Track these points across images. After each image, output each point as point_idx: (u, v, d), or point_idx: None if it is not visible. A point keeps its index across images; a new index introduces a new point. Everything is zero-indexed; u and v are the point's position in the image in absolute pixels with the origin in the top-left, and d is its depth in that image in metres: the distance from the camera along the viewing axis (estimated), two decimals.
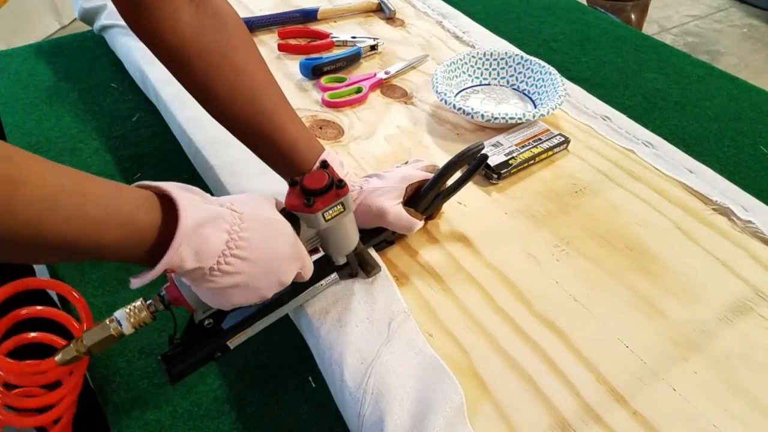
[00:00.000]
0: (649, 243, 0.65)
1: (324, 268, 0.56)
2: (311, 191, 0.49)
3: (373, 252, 0.62)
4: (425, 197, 0.61)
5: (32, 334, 0.56)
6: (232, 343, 0.51)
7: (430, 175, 0.62)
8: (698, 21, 2.73)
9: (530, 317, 0.57)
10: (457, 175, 0.62)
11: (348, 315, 0.56)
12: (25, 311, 0.54)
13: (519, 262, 0.63)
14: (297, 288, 0.54)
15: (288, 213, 0.49)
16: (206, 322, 0.50)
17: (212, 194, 0.74)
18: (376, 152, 0.77)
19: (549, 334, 0.56)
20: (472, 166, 0.60)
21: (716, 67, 0.98)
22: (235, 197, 0.47)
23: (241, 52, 0.55)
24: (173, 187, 0.41)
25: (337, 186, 0.49)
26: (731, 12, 2.80)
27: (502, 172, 0.72)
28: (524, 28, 1.09)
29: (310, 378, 0.57)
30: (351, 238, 0.55)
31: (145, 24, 0.53)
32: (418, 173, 0.62)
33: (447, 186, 0.62)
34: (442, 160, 0.76)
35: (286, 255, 0.47)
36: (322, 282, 0.56)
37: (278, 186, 0.70)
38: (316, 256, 0.55)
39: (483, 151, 0.59)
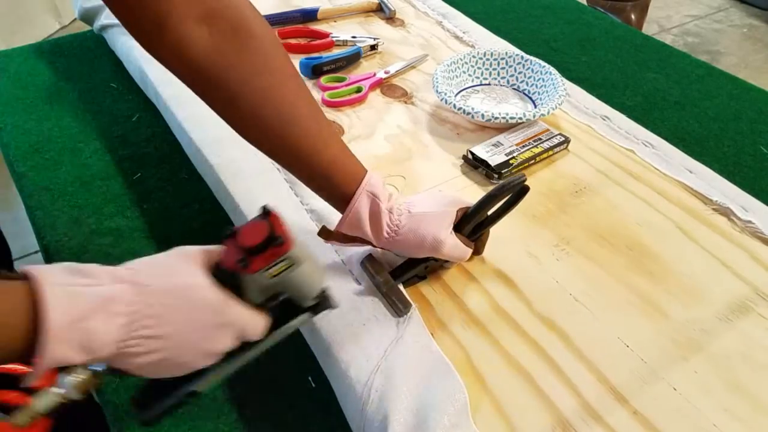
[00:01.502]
0: (649, 243, 0.65)
1: (293, 307, 0.48)
2: (247, 249, 0.42)
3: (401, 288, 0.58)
4: (467, 224, 0.57)
5: None
6: (201, 387, 0.46)
7: (472, 203, 0.58)
8: (698, 21, 2.73)
9: (530, 316, 0.57)
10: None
11: (353, 313, 0.56)
12: None
13: (519, 262, 0.63)
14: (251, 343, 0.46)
15: (228, 271, 0.43)
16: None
17: (213, 193, 0.75)
18: (377, 152, 0.77)
19: (549, 334, 0.56)
20: (513, 197, 0.58)
21: (716, 67, 0.98)
22: (143, 261, 0.41)
23: (265, 74, 0.50)
24: (47, 279, 0.35)
25: (276, 243, 0.42)
26: (731, 12, 2.80)
27: (503, 171, 0.72)
28: (524, 28, 1.09)
29: (310, 378, 0.57)
30: (313, 283, 0.47)
31: (156, 51, 0.49)
32: (466, 199, 0.58)
33: (487, 216, 0.59)
34: (442, 159, 0.76)
35: (206, 325, 0.41)
36: (293, 322, 0.48)
37: (278, 185, 0.71)
38: (283, 296, 0.47)
39: (519, 178, 0.55)
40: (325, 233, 0.57)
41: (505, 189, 0.55)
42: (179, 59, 0.49)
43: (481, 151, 0.74)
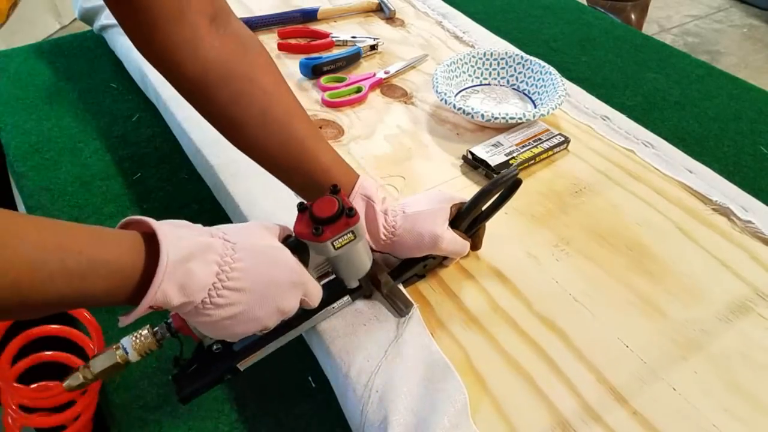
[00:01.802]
0: (649, 243, 0.65)
1: (336, 290, 0.55)
2: (321, 219, 0.47)
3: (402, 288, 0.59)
4: (464, 220, 0.58)
5: (48, 353, 0.55)
6: (243, 365, 0.50)
7: (467, 198, 0.58)
8: (698, 21, 2.73)
9: (530, 316, 0.57)
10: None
11: (354, 314, 0.56)
12: (38, 329, 0.53)
13: (519, 262, 0.63)
14: (307, 312, 0.52)
15: (297, 239, 0.48)
16: (215, 347, 0.49)
17: (212, 194, 0.75)
18: (376, 152, 0.77)
19: (549, 334, 0.56)
20: (506, 191, 0.58)
21: (716, 67, 0.98)
22: (230, 226, 0.45)
23: (268, 75, 0.52)
24: (159, 224, 0.40)
25: (348, 214, 0.47)
26: (731, 12, 2.80)
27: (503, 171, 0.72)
28: (524, 28, 1.09)
29: (309, 378, 0.57)
30: (363, 263, 0.52)
31: (161, 50, 0.48)
32: (459, 195, 0.59)
33: (482, 211, 0.59)
34: (442, 159, 0.76)
35: (284, 282, 0.45)
36: (335, 305, 0.55)
37: (277, 186, 0.70)
38: (328, 279, 0.54)
39: (511, 173, 0.56)
40: None
41: (498, 183, 0.55)
42: (190, 58, 0.49)
43: (481, 151, 0.74)
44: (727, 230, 0.66)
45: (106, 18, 1.01)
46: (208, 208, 0.74)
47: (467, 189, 0.72)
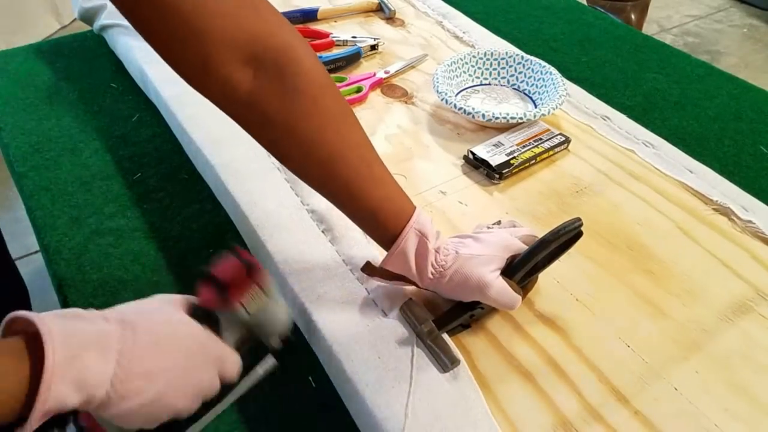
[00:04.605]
0: (650, 243, 0.65)
1: (255, 353, 0.49)
2: (224, 283, 0.44)
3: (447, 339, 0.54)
4: (518, 271, 0.54)
5: None
6: None
7: (524, 247, 0.55)
8: (698, 21, 2.73)
9: (531, 316, 0.57)
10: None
11: (360, 311, 0.56)
12: None
13: None
14: (226, 386, 0.46)
15: (204, 309, 0.45)
16: None
17: (213, 193, 0.75)
18: (377, 151, 0.77)
19: (550, 333, 0.56)
20: (567, 241, 0.55)
21: (716, 67, 0.98)
22: (127, 306, 0.42)
23: (313, 117, 0.49)
24: (43, 319, 0.36)
25: (252, 270, 0.45)
26: (731, 12, 2.80)
27: (504, 171, 0.72)
28: (524, 28, 1.09)
29: (310, 378, 0.57)
30: (282, 320, 0.49)
31: (202, 90, 0.48)
32: (519, 244, 0.55)
33: (540, 259, 0.55)
34: (443, 159, 0.76)
35: (196, 360, 0.42)
36: (258, 370, 0.49)
37: (278, 185, 0.70)
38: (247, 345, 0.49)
39: (575, 224, 0.52)
40: (369, 269, 0.56)
41: (560, 235, 0.52)
42: (223, 101, 0.48)
43: (482, 151, 0.74)
44: (727, 230, 0.66)
45: (106, 18, 1.01)
46: (209, 208, 0.74)
47: (468, 189, 0.72)
